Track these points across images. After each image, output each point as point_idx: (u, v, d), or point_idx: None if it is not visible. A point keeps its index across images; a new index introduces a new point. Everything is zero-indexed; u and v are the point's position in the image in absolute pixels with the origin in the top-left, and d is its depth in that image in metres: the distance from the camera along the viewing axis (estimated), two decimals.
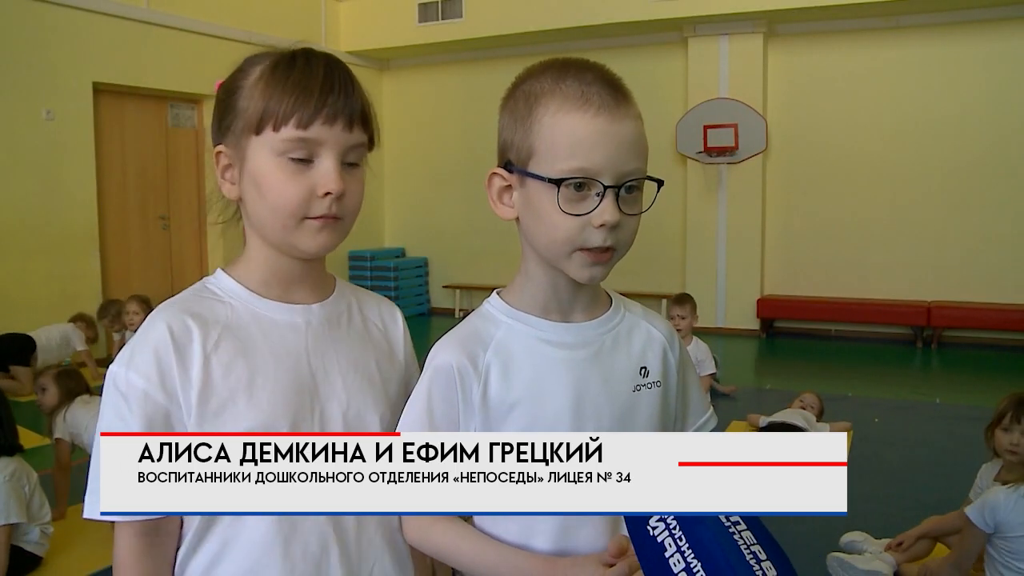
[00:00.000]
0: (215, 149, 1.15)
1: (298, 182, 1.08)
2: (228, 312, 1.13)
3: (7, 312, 6.73)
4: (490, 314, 1.24)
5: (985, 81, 8.01)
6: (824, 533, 3.53)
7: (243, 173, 1.12)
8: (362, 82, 1.16)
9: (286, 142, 1.07)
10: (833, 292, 8.72)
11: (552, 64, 1.17)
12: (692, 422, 1.31)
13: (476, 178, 9.26)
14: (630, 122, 1.11)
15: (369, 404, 1.18)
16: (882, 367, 7.61)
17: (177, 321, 1.09)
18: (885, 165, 8.44)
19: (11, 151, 6.85)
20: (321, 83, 1.08)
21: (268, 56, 1.12)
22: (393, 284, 10.18)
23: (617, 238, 1.12)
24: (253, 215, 1.13)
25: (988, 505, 2.71)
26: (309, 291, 1.20)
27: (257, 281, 1.16)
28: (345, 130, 1.10)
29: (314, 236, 1.11)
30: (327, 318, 1.20)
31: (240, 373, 1.09)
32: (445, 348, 1.21)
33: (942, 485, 3.99)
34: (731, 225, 8.90)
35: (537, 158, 1.12)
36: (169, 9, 7.97)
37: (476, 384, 1.17)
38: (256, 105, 1.09)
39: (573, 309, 1.22)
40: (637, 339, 1.25)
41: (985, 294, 8.12)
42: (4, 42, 6.75)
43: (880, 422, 5.30)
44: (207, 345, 1.08)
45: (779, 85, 8.80)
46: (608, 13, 8.67)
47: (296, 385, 1.12)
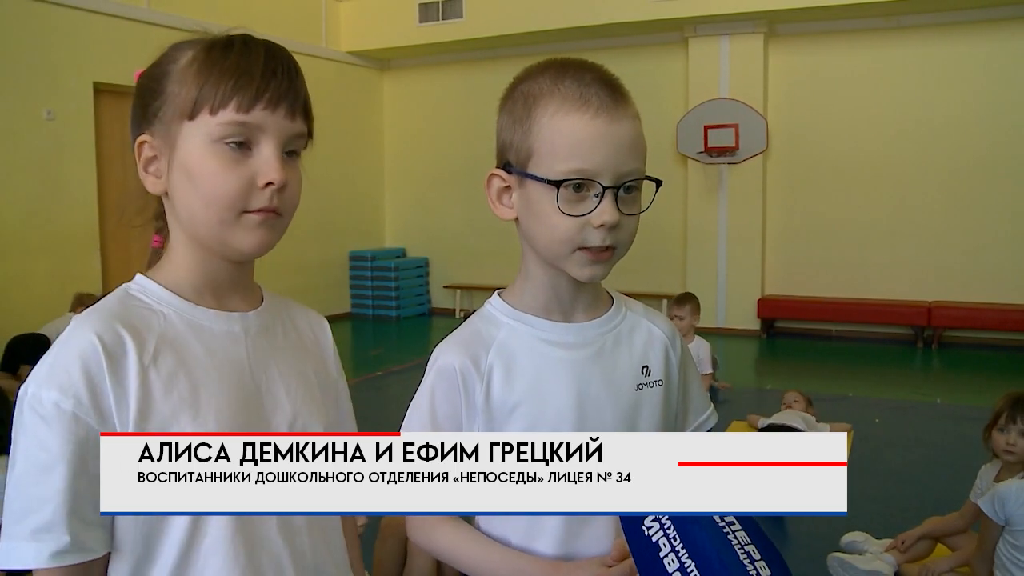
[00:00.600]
0: (137, 140, 1.04)
1: (236, 171, 0.98)
2: (161, 321, 1.01)
3: (8, 311, 6.73)
4: (491, 315, 1.24)
5: (986, 81, 8.01)
6: (825, 533, 3.53)
7: (172, 164, 1.01)
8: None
9: (224, 126, 0.97)
10: (834, 292, 8.72)
11: (550, 65, 1.16)
12: (693, 419, 1.31)
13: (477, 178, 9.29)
14: (628, 122, 1.11)
15: (314, 414, 1.11)
16: (883, 367, 7.61)
17: (107, 330, 0.96)
18: (886, 165, 8.43)
19: (12, 151, 6.85)
20: (263, 66, 0.99)
21: (199, 41, 1.03)
22: (394, 284, 10.18)
23: (617, 238, 1.12)
24: (183, 210, 1.02)
25: (998, 496, 2.71)
26: (241, 298, 1.10)
27: (188, 287, 1.05)
28: (287, 117, 1.00)
29: (252, 232, 1.00)
30: (264, 327, 1.11)
31: (182, 388, 0.98)
32: (447, 350, 1.21)
33: (943, 485, 3.99)
34: (732, 225, 8.90)
35: (536, 159, 1.12)
36: (170, 9, 7.98)
37: (479, 385, 1.17)
38: (189, 89, 0.98)
39: (574, 309, 1.22)
40: (639, 338, 1.25)
41: (986, 294, 8.11)
42: (5, 42, 6.75)
43: (881, 422, 5.30)
44: (144, 357, 0.96)
45: (780, 85, 8.79)
46: (609, 13, 8.67)
47: (241, 398, 1.03)
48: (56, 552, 0.90)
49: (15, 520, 0.91)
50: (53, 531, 0.90)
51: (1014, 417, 2.96)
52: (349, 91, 10.09)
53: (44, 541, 0.90)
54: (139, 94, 1.05)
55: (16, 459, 0.93)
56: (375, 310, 10.31)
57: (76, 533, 0.91)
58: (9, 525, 0.91)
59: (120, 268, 7.91)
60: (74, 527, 0.91)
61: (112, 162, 7.82)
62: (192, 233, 1.03)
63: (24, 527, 0.90)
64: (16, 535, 0.90)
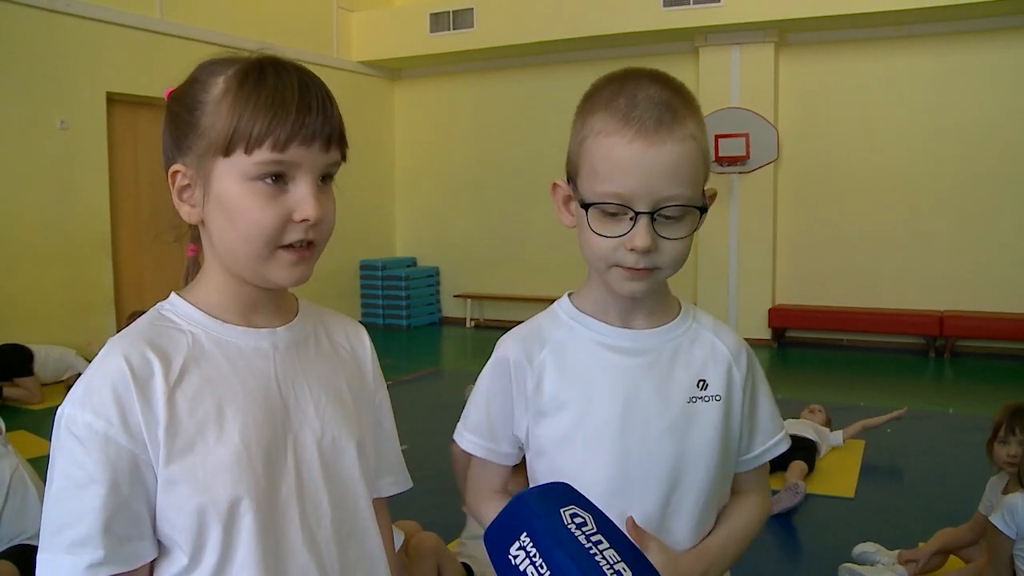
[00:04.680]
0: (171, 169, 1.04)
1: (272, 207, 0.99)
2: (189, 341, 1.04)
3: (20, 320, 6.78)
4: (555, 313, 1.28)
5: (997, 90, 7.98)
6: (837, 544, 3.51)
7: (207, 196, 1.02)
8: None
9: (260, 165, 0.98)
10: (845, 302, 8.69)
11: (616, 77, 1.15)
12: (760, 442, 1.30)
13: (488, 187, 9.36)
14: (672, 146, 1.09)
15: (344, 430, 1.12)
16: (894, 377, 7.57)
17: (135, 353, 0.99)
18: (897, 174, 8.41)
19: (26, 160, 6.91)
20: (298, 100, 0.99)
21: (229, 64, 1.02)
22: (404, 294, 10.20)
23: (654, 260, 1.12)
24: (219, 243, 1.04)
25: (1007, 508, 2.68)
26: (273, 314, 1.11)
27: (218, 306, 1.07)
28: (323, 151, 1.01)
29: (288, 268, 1.03)
30: (294, 341, 1.12)
31: (207, 406, 1.01)
32: (507, 341, 1.26)
33: (955, 496, 3.96)
34: (743, 235, 8.88)
35: (581, 176, 1.15)
36: (182, 19, 8.03)
37: (530, 378, 1.22)
38: (224, 124, 0.98)
39: (633, 315, 1.23)
40: (699, 351, 1.24)
41: (998, 304, 8.07)
42: (19, 52, 6.81)
43: (893, 432, 5.26)
44: (170, 378, 0.99)
45: (790, 94, 8.79)
46: (619, 23, 8.69)
47: (267, 414, 1.05)
48: (91, 565, 0.93)
49: (52, 533, 0.95)
50: (88, 545, 0.93)
51: (1013, 428, 2.94)
52: (360, 101, 10.12)
53: (79, 554, 0.93)
54: (172, 122, 1.05)
55: (53, 476, 0.96)
56: (385, 319, 10.32)
57: (110, 547, 0.94)
58: (47, 538, 0.95)
59: (132, 277, 7.95)
60: (108, 541, 0.94)
61: (124, 172, 7.87)
62: (228, 264, 1.05)
63: (61, 540, 0.94)
64: (54, 548, 0.94)
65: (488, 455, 1.28)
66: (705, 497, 1.20)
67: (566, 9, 8.91)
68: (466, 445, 1.29)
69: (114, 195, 7.69)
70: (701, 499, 1.20)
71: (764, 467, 1.33)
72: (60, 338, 6.83)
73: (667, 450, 1.18)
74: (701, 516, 1.21)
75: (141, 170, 8.06)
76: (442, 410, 2.84)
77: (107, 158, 7.58)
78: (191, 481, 0.98)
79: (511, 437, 1.27)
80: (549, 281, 9.31)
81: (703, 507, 1.21)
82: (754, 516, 1.29)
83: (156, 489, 0.98)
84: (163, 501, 0.98)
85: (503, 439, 1.27)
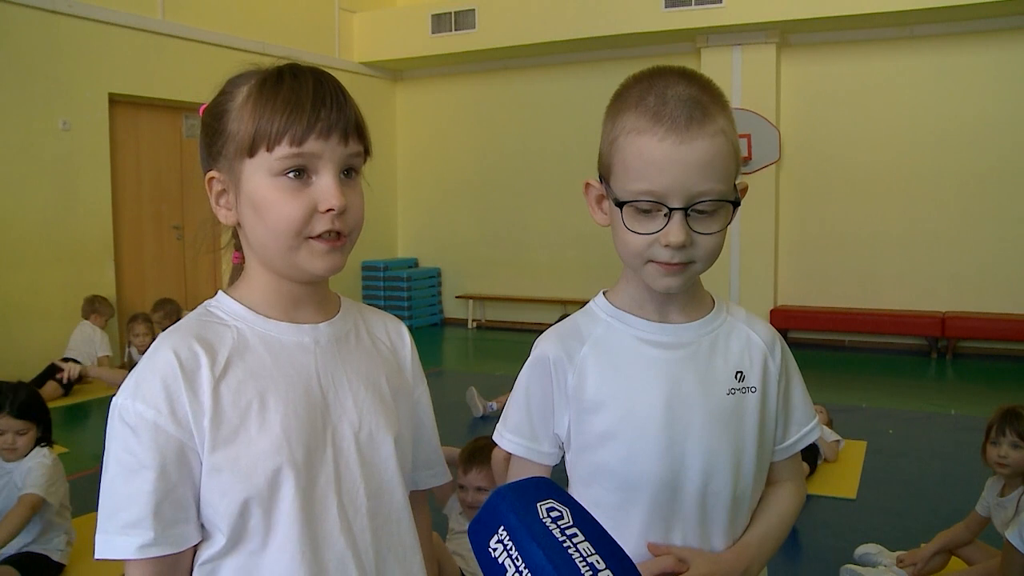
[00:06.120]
0: (207, 176, 1.12)
1: (298, 200, 1.05)
2: (234, 335, 1.10)
3: (23, 321, 6.79)
4: (592, 311, 1.29)
5: (999, 91, 7.98)
6: (838, 546, 3.51)
7: (239, 197, 1.09)
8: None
9: (281, 160, 1.04)
10: (847, 303, 8.69)
11: (645, 76, 1.17)
12: (795, 431, 1.32)
13: (489, 188, 9.36)
14: (704, 142, 1.11)
15: (382, 424, 1.16)
16: (896, 378, 7.57)
17: (183, 347, 1.06)
18: (899, 175, 8.41)
19: (28, 161, 6.92)
20: (312, 97, 1.05)
21: (252, 75, 1.09)
22: (406, 294, 10.20)
23: (689, 255, 1.14)
24: (253, 240, 1.10)
25: (1023, 524, 2.66)
26: (315, 310, 1.16)
27: (262, 302, 1.13)
28: (341, 143, 1.07)
29: (321, 258, 1.08)
30: (335, 337, 1.17)
31: (250, 397, 1.06)
32: (545, 340, 1.27)
33: (957, 497, 3.96)
34: (744, 235, 8.88)
35: (614, 175, 1.16)
36: (184, 20, 8.04)
37: (570, 375, 1.23)
38: (246, 127, 1.05)
39: (669, 310, 1.25)
40: (736, 343, 1.26)
41: (1000, 304, 8.07)
42: (21, 54, 6.82)
43: (894, 433, 5.26)
44: (215, 370, 1.05)
45: (792, 95, 8.79)
46: (621, 24, 8.69)
47: (307, 406, 1.10)
48: (142, 545, 1.00)
49: (107, 516, 1.02)
50: (139, 527, 1.00)
51: (1003, 429, 2.95)
52: (362, 101, 9.65)
53: (131, 536, 1.00)
54: (204, 132, 1.13)
55: (108, 462, 1.03)
56: None
57: (159, 530, 1.01)
58: (103, 520, 1.02)
59: (134, 277, 7.96)
60: (157, 524, 1.01)
61: (126, 172, 7.88)
62: (264, 259, 1.11)
63: (115, 522, 1.01)
64: (109, 529, 1.01)
65: (528, 454, 1.28)
66: (744, 487, 1.23)
67: (568, 10, 8.92)
68: (506, 445, 1.30)
69: (116, 195, 7.69)
70: (741, 488, 1.22)
71: (797, 456, 1.35)
72: (61, 339, 6.84)
73: (711, 441, 1.20)
74: (739, 506, 1.24)
75: (143, 170, 8.07)
76: (444, 411, 2.84)
77: (109, 159, 7.59)
78: (234, 469, 1.03)
79: (551, 436, 1.27)
80: (551, 282, 9.32)
81: (742, 497, 1.23)
82: (790, 506, 1.31)
83: (201, 476, 1.04)
84: (207, 487, 1.04)
85: (544, 438, 1.28)
